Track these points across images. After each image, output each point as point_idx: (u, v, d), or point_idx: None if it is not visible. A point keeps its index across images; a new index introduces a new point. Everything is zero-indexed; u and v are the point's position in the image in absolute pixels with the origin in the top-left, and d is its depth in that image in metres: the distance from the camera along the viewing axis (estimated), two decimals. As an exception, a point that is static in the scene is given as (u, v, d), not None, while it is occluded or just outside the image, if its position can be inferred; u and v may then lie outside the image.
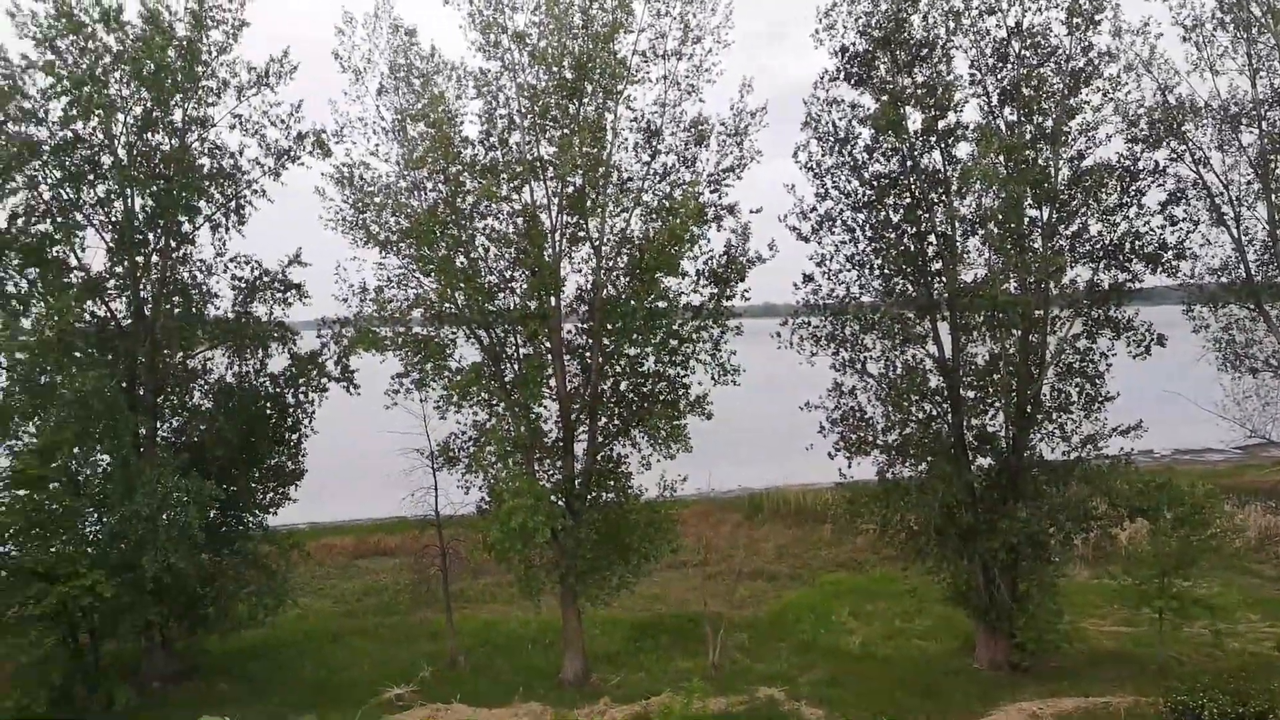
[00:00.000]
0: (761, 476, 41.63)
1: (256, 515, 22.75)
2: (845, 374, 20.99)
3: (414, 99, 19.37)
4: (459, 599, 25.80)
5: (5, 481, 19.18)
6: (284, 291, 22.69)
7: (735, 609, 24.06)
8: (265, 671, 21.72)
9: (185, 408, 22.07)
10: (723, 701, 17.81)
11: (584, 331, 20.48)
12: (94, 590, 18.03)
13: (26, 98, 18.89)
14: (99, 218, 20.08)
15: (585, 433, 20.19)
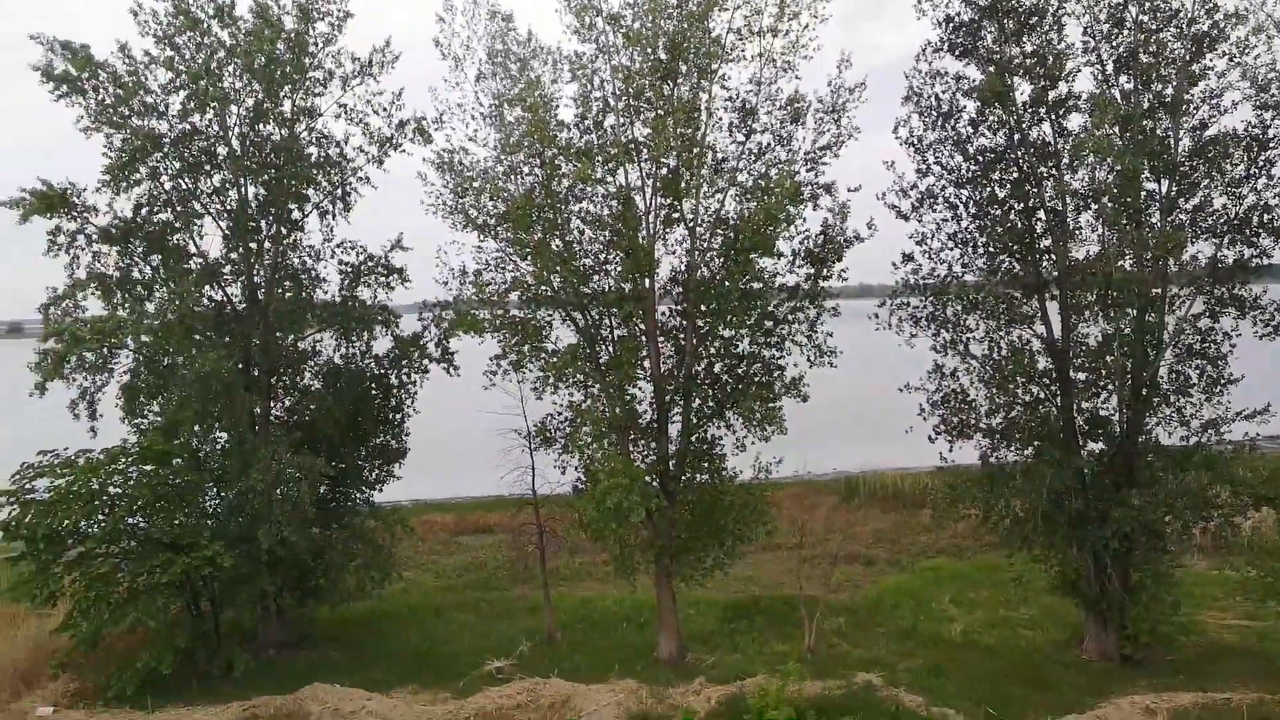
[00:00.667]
0: (857, 459, 40.94)
1: (363, 492, 23.62)
2: (946, 356, 20.42)
3: (511, 84, 19.59)
4: (555, 576, 26.23)
5: (133, 457, 20.39)
6: (387, 276, 23.37)
7: (831, 593, 23.78)
8: (372, 641, 22.57)
9: (296, 388, 23.00)
10: (819, 686, 17.65)
11: (678, 313, 20.44)
12: (214, 561, 19.07)
13: (149, 93, 19.85)
14: (215, 206, 21.01)
15: (679, 414, 20.21)
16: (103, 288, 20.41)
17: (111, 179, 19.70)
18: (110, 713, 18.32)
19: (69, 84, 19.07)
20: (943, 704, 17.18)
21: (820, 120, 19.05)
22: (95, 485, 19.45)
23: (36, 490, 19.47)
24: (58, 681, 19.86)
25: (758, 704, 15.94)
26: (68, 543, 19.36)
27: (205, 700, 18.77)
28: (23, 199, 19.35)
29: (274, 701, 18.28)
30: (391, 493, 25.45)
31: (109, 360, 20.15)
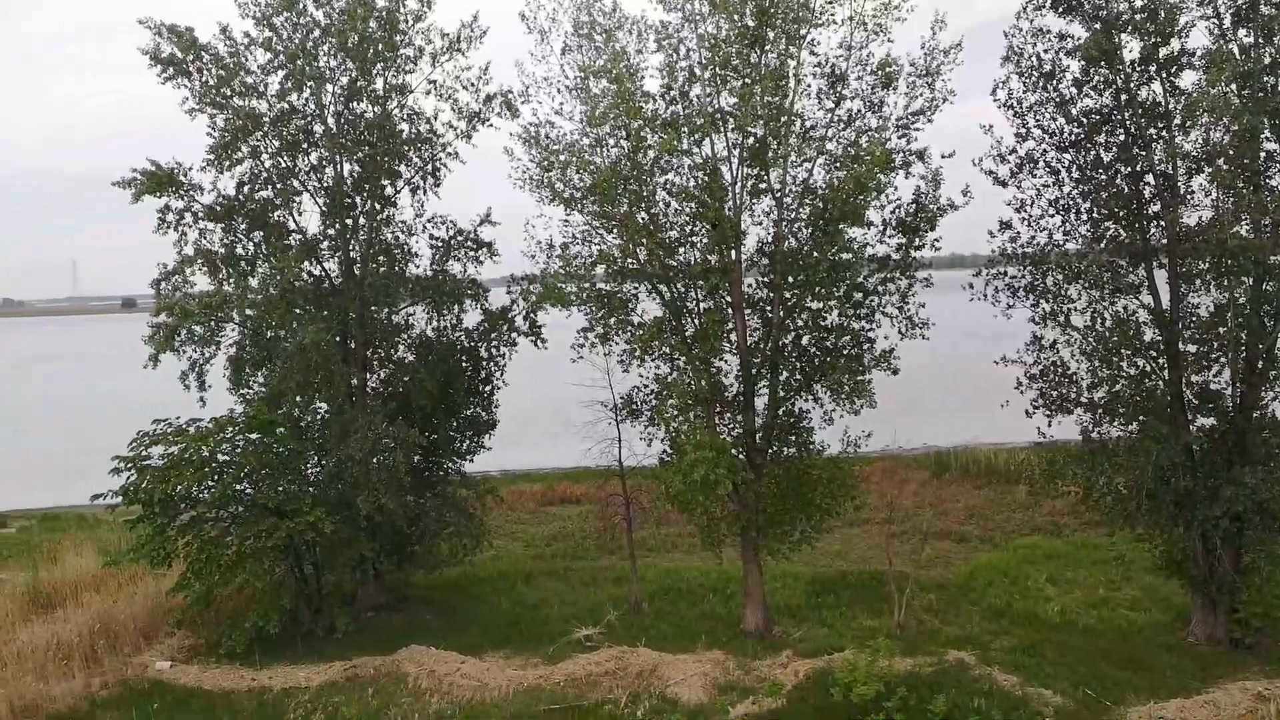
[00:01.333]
0: (949, 434, 40.02)
1: (455, 462, 24.22)
2: (1046, 327, 19.69)
3: (596, 56, 19.53)
4: (641, 547, 26.48)
5: (240, 426, 21.31)
6: (476, 250, 23.76)
7: (921, 569, 23.38)
8: (465, 606, 23.23)
9: (391, 360, 23.62)
10: (909, 662, 17.42)
11: (765, 285, 20.22)
12: (316, 526, 19.84)
13: (249, 73, 20.51)
14: (313, 184, 21.65)
15: (766, 387, 20.07)
16: (209, 264, 21.31)
17: (215, 158, 20.50)
18: (222, 668, 19.32)
19: (175, 67, 19.84)
20: (1039, 684, 16.78)
21: (913, 85, 18.49)
22: (205, 453, 20.40)
23: (152, 457, 20.53)
24: (174, 638, 21.06)
25: (846, 679, 15.84)
26: (181, 507, 20.38)
27: (309, 659, 19.64)
28: (134, 179, 20.27)
29: (373, 661, 18.99)
30: (481, 463, 26.02)
31: (216, 333, 21.07)
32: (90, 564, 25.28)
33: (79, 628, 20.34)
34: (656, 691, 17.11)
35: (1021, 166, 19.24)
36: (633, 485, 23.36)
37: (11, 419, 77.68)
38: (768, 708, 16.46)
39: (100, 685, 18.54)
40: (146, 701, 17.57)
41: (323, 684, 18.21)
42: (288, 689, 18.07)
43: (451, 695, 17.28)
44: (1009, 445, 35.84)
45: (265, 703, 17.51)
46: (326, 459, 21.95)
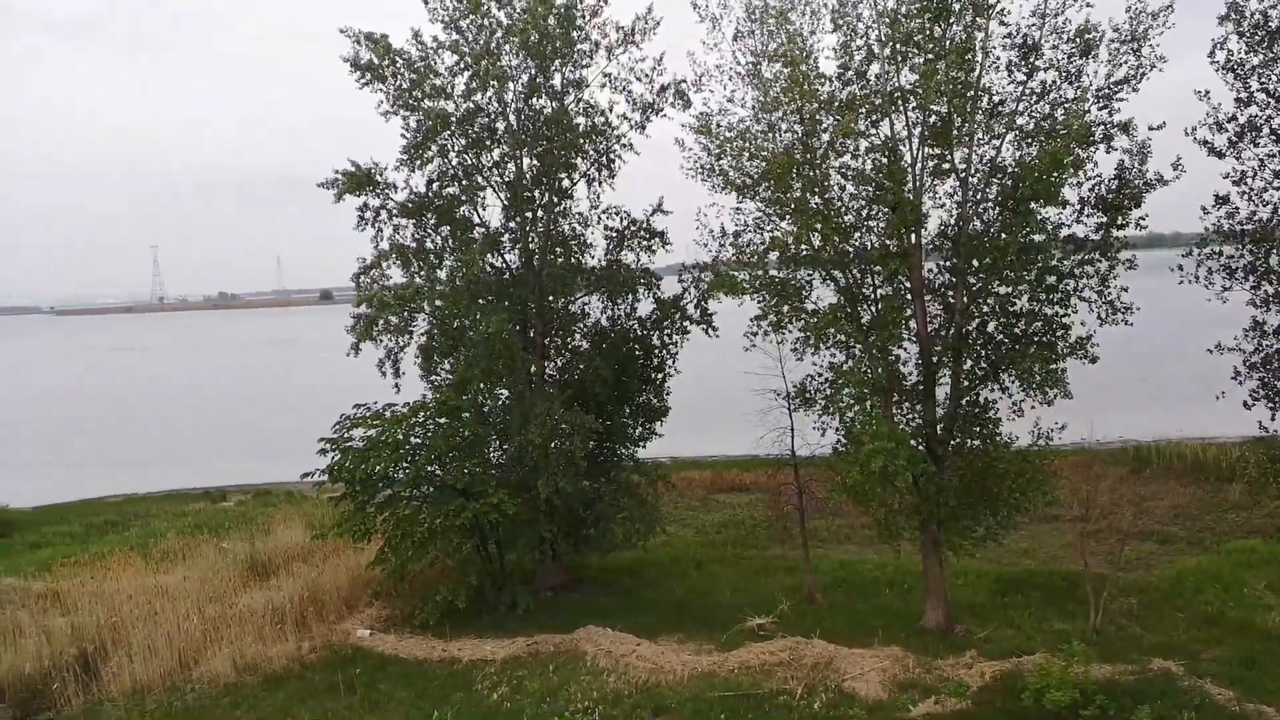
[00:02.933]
0: (1150, 427, 37.09)
1: (628, 448, 24.69)
2: (1269, 311, 17.91)
3: (768, 40, 19.28)
4: (813, 538, 26.06)
5: (430, 411, 22.53)
6: (649, 239, 24.08)
7: (1120, 571, 21.80)
8: (639, 589, 23.66)
9: (567, 348, 24.38)
10: (1108, 669, 16.33)
11: (947, 270, 19.39)
12: (500, 508, 20.75)
13: (437, 76, 21.57)
14: (495, 179, 22.57)
15: (948, 377, 19.28)
16: (402, 257, 22.61)
17: (408, 158, 21.75)
18: (415, 638, 20.55)
19: (372, 72, 21.13)
20: (1259, 699, 15.33)
21: (1115, 52, 17.17)
22: (400, 436, 21.72)
23: (353, 439, 22.08)
24: (372, 608, 22.57)
25: (1038, 683, 15.03)
26: (379, 486, 21.79)
27: (494, 633, 20.58)
28: (336, 180, 21.78)
29: (553, 639, 19.68)
30: (652, 449, 26.37)
31: (409, 323, 22.36)
32: (298, 537, 27.52)
33: (290, 595, 22.15)
34: (833, 685, 16.83)
35: (1242, 135, 17.62)
36: (806, 475, 23.02)
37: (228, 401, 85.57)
38: (952, 708, 15.86)
39: (309, 649, 20.11)
40: (350, 665, 18.92)
41: (507, 658, 19.04)
42: (475, 661, 19.01)
43: (628, 676, 17.65)
44: (1219, 439, 32.88)
45: (455, 673, 18.48)
46: (508, 443, 22.87)
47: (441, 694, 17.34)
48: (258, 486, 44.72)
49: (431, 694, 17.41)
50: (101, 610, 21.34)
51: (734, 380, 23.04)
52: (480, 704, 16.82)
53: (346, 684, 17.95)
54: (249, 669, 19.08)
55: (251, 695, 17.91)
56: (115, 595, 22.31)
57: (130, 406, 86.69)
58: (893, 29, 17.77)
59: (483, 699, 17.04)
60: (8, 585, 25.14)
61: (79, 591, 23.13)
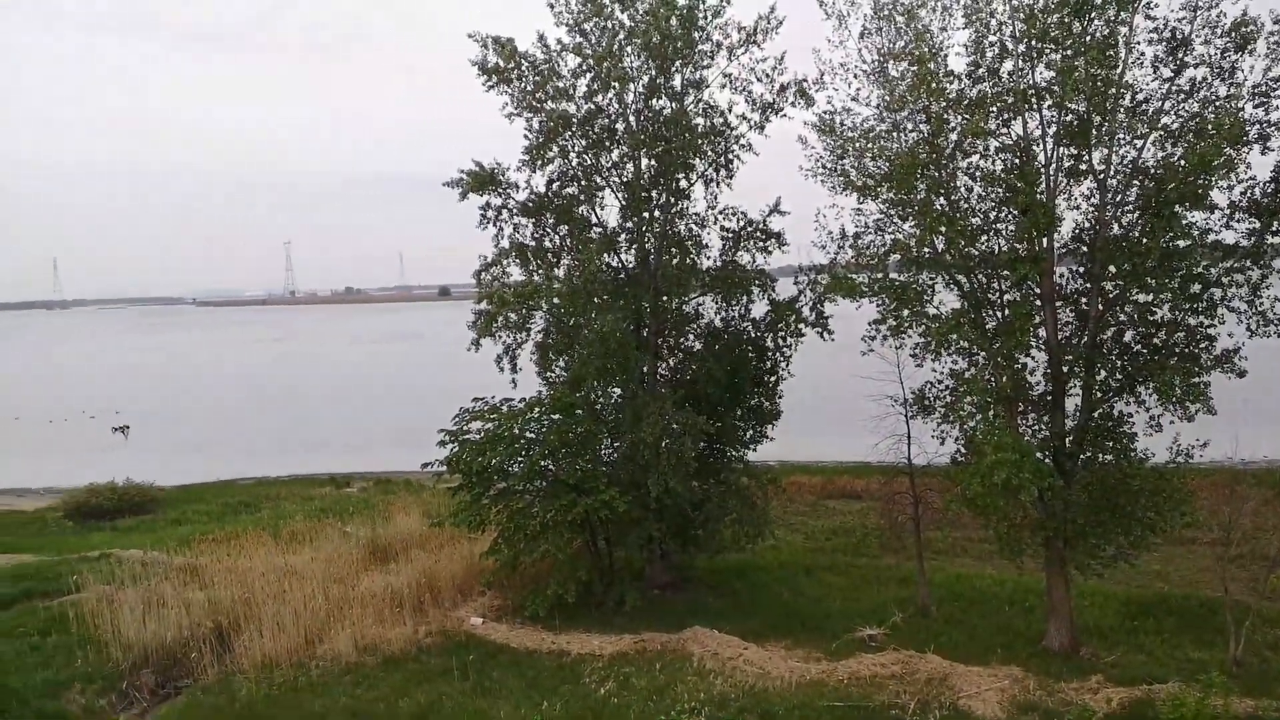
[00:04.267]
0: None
1: (738, 450, 24.54)
2: None
3: (896, 37, 18.85)
4: (928, 549, 25.32)
5: (545, 407, 22.94)
6: (765, 240, 23.87)
7: (1265, 599, 20.41)
8: (746, 592, 23.51)
9: (680, 348, 24.41)
10: (1249, 704, 15.30)
11: (1081, 275, 18.55)
12: (610, 504, 20.96)
13: (560, 78, 21.94)
14: (614, 179, 22.79)
15: (1079, 387, 18.42)
16: (521, 256, 23.08)
17: (529, 158, 22.19)
18: (525, 629, 20.98)
19: (498, 75, 21.64)
20: None
21: (1276, 46, 16.04)
22: (515, 430, 22.20)
23: (471, 432, 22.70)
24: (485, 597, 23.16)
25: (1171, 714, 14.25)
26: (494, 479, 22.32)
27: (601, 628, 20.80)
28: (461, 179, 22.40)
29: (660, 638, 19.75)
30: (763, 452, 26.14)
31: (527, 320, 22.80)
32: (416, 524, 28.48)
33: (408, 580, 22.93)
34: (947, 702, 16.32)
35: None
36: (922, 484, 22.42)
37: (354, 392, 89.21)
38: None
39: (425, 633, 20.78)
40: (464, 651, 19.45)
41: (614, 654, 19.21)
42: (583, 655, 19.26)
43: (734, 679, 17.56)
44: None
45: (564, 665, 18.77)
46: (620, 441, 23.07)
47: (550, 685, 17.64)
48: (379, 475, 46.53)
49: (541, 684, 17.74)
50: (235, 586, 22.58)
51: (848, 385, 22.62)
52: (588, 697, 17.03)
53: (460, 669, 18.46)
54: (369, 650, 19.84)
55: (371, 675, 18.62)
56: (248, 573, 23.56)
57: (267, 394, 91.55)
58: (1029, 24, 17.09)
59: (590, 693, 17.24)
60: (153, 559, 26.89)
61: (215, 567, 24.54)
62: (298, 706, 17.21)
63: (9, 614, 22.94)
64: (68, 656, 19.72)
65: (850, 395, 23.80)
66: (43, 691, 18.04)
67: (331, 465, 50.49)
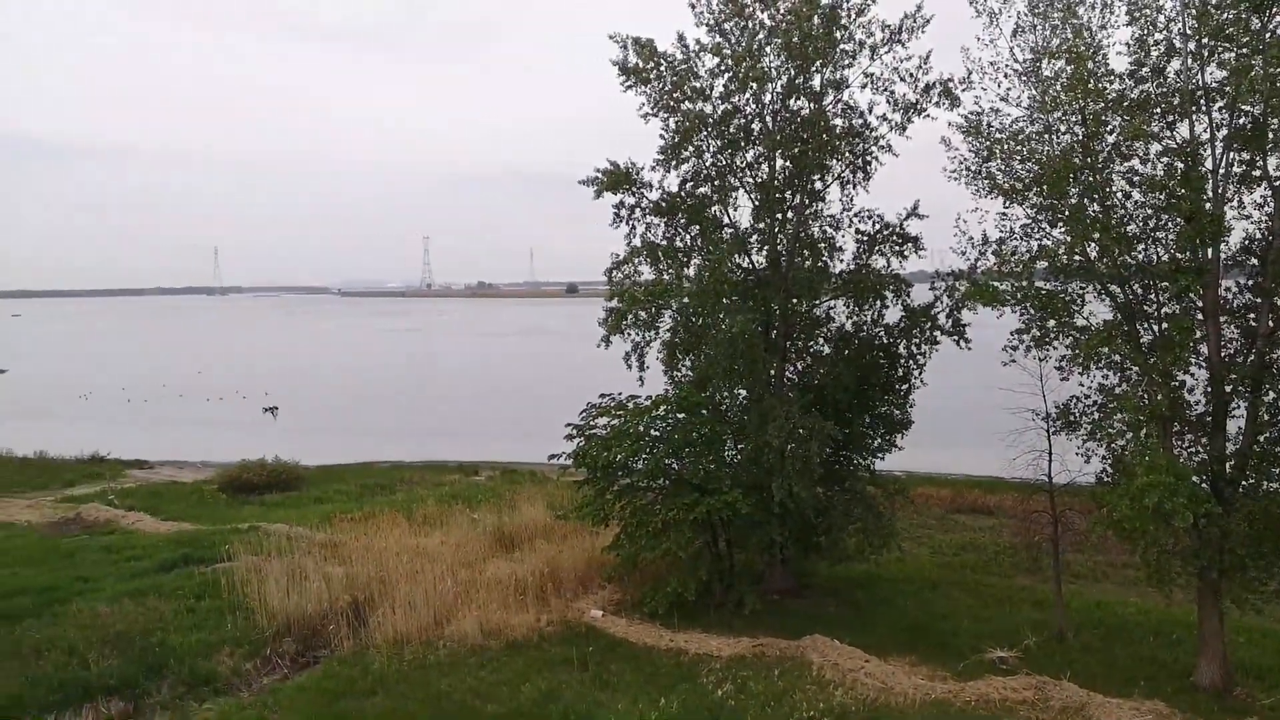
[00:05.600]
0: None
1: (865, 458, 24.02)
2: None
3: (1050, 35, 18.04)
4: (1067, 572, 24.19)
5: (671, 406, 23.05)
6: (901, 244, 23.26)
7: None
8: (869, 604, 22.98)
9: (809, 352, 24.07)
10: None
11: (1249, 289, 17.28)
12: (733, 506, 20.87)
13: (697, 78, 21.98)
14: (748, 180, 22.67)
15: (1243, 409, 17.16)
16: (652, 255, 23.24)
17: (664, 158, 22.34)
18: (644, 624, 21.12)
19: (636, 75, 21.86)
20: None
21: None
22: (640, 428, 22.40)
23: (597, 427, 23.04)
24: (604, 590, 23.45)
25: (1339, 768, 13.07)
26: (618, 474, 22.58)
27: (719, 629, 20.74)
28: (596, 178, 22.74)
29: (779, 643, 19.53)
30: (890, 461, 25.51)
31: (656, 319, 22.94)
32: (540, 514, 29.15)
33: (532, 569, 23.46)
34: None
35: None
36: (1062, 503, 21.37)
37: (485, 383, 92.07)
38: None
39: (547, 621, 21.21)
40: (584, 642, 19.76)
41: (732, 656, 19.12)
42: (700, 655, 19.24)
43: (855, 692, 17.18)
44: None
45: (681, 664, 18.80)
46: (744, 443, 22.94)
47: (668, 683, 17.70)
48: (505, 464, 47.82)
49: (658, 681, 17.83)
50: (371, 564, 23.65)
51: (984, 396, 21.77)
52: (705, 698, 17.01)
53: (579, 659, 18.77)
54: (493, 634, 20.40)
55: (495, 658, 19.15)
56: (383, 552, 24.64)
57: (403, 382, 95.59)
58: (1201, 22, 16.05)
59: (707, 693, 17.21)
60: (297, 533, 28.48)
61: (353, 545, 25.79)
62: (426, 684, 17.87)
63: (170, 576, 24.76)
64: (219, 620, 21.09)
65: (985, 407, 22.92)
66: (197, 651, 19.36)
67: (461, 453, 52.21)
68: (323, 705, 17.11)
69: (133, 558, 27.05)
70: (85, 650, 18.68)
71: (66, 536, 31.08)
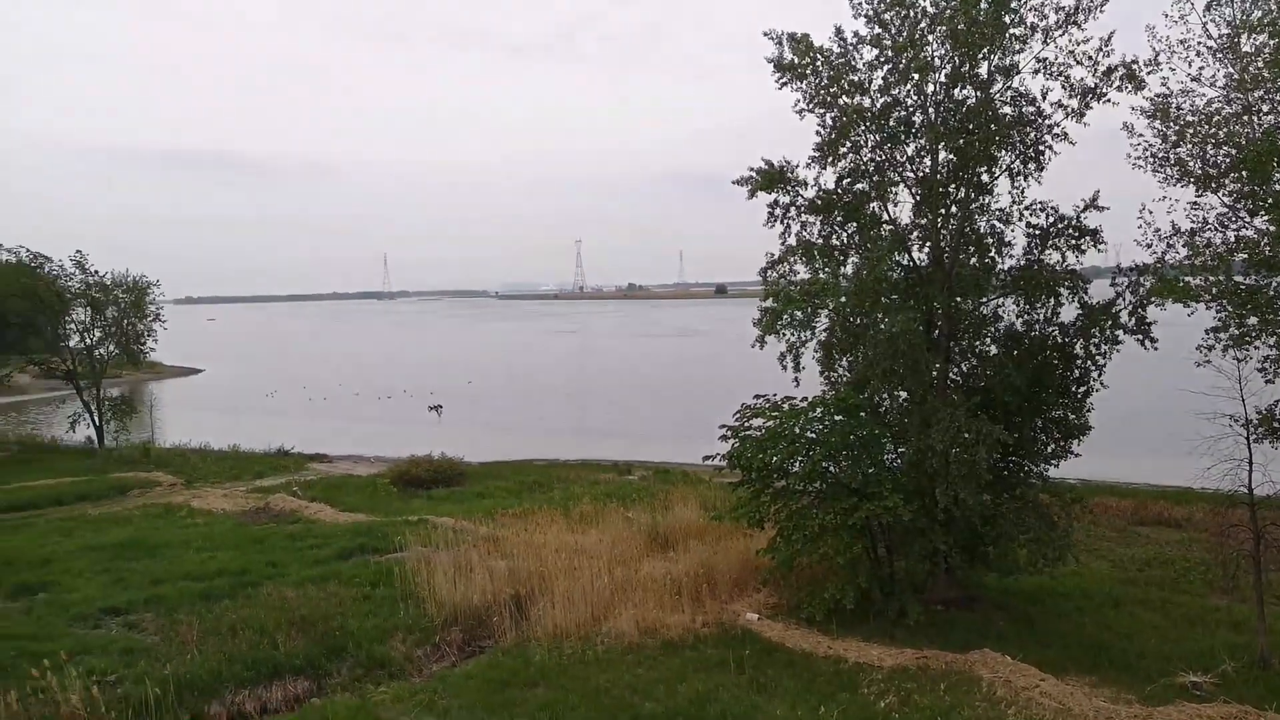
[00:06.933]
0: None
1: (1038, 465, 22.74)
2: None
3: (1251, 7, 16.57)
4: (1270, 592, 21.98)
5: (828, 407, 22.58)
6: (1077, 238, 21.88)
7: None
8: (1043, 619, 21.74)
9: (974, 352, 23.00)
10: None
11: None
12: (894, 511, 20.22)
13: (855, 71, 21.43)
14: (908, 174, 21.92)
15: None
16: (807, 253, 22.84)
17: (820, 155, 21.90)
18: (801, 630, 20.76)
19: (791, 71, 21.53)
20: None
21: None
22: (796, 429, 22.04)
23: (752, 428, 22.85)
24: (760, 593, 23.20)
25: None
26: (774, 476, 22.31)
27: (879, 639, 20.12)
28: (750, 177, 22.57)
29: (945, 656, 18.75)
30: (1065, 469, 24.07)
31: (812, 319, 22.52)
32: (694, 515, 29.17)
33: (686, 569, 23.53)
34: (1293, 772, 14.10)
35: None
36: (1265, 516, 19.50)
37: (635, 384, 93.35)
38: None
39: (702, 623, 21.20)
40: (740, 645, 19.61)
41: (894, 666, 18.50)
42: (860, 664, 18.73)
43: (1029, 712, 16.26)
44: None
45: (841, 672, 18.35)
46: (905, 446, 22.20)
47: (827, 691, 17.32)
48: (658, 464, 48.23)
49: (817, 688, 17.47)
50: (531, 559, 24.36)
51: (1170, 400, 20.16)
52: (867, 708, 16.53)
53: (736, 662, 18.64)
54: (649, 632, 20.57)
55: (651, 657, 19.31)
56: (542, 548, 25.33)
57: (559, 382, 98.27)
58: None
59: (869, 704, 16.72)
60: (462, 527, 29.71)
61: (514, 540, 26.63)
62: (585, 678, 18.21)
63: (348, 564, 26.36)
64: (392, 608, 22.24)
65: (1172, 411, 21.24)
66: (373, 636, 20.49)
67: (614, 452, 53.07)
68: (488, 694, 17.73)
69: (314, 545, 28.95)
70: (274, 630, 20.08)
71: (257, 524, 33.65)
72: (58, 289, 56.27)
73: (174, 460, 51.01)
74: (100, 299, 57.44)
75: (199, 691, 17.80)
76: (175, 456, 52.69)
